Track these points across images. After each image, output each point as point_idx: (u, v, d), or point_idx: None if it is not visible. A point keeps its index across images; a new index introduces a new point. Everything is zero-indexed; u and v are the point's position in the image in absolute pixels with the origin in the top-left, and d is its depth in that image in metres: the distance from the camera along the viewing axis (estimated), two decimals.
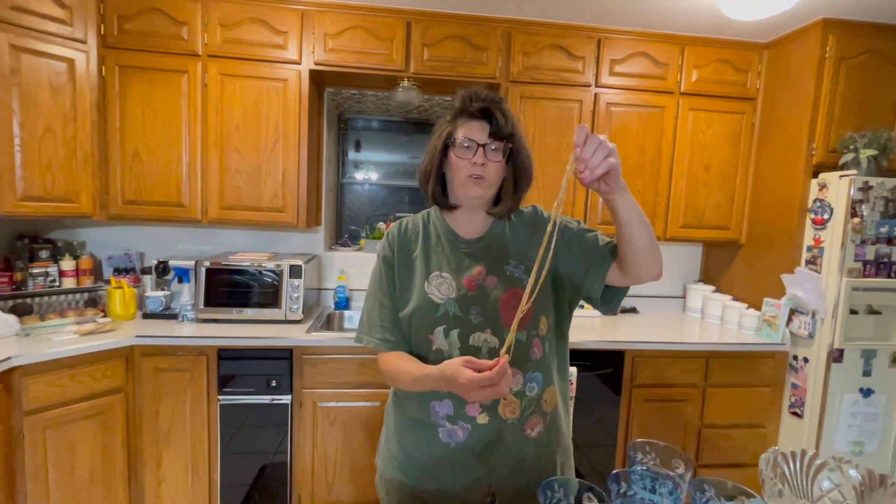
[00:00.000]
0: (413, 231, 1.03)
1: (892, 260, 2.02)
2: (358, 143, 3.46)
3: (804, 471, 0.83)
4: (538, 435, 0.96)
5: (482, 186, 0.93)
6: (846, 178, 1.99)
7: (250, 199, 2.17)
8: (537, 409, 0.95)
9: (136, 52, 2.04)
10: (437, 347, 0.93)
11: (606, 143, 0.72)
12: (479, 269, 0.96)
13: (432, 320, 0.93)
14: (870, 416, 2.08)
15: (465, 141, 0.92)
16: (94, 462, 1.79)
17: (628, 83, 2.34)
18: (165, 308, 2.15)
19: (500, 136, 0.92)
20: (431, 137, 0.99)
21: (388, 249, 1.02)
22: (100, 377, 1.79)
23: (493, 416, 0.91)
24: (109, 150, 2.07)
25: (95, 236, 2.39)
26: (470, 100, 0.93)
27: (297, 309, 2.11)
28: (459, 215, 1.01)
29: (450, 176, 0.97)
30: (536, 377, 0.94)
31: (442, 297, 0.94)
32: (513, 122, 0.94)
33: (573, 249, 0.96)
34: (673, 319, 2.61)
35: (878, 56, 2.13)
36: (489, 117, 0.92)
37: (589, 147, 0.71)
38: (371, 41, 2.16)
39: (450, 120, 0.96)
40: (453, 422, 0.91)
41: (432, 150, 0.97)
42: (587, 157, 0.71)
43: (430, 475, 0.95)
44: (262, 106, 2.13)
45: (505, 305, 0.93)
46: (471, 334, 0.92)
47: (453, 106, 0.96)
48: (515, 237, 1.00)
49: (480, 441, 0.91)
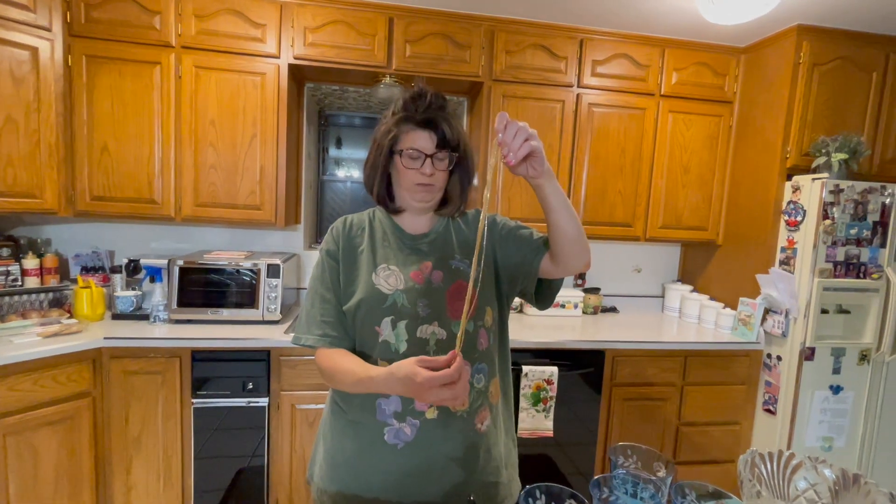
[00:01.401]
0: (358, 227, 1.01)
1: (861, 261, 2.08)
2: (339, 139, 3.41)
3: (780, 471, 0.84)
4: (487, 428, 0.95)
5: (430, 193, 0.95)
6: (818, 181, 2.05)
7: (226, 196, 2.11)
8: (485, 401, 0.95)
9: (105, 42, 1.96)
10: (383, 339, 0.91)
11: (526, 128, 0.76)
12: (426, 264, 0.96)
13: (379, 311, 0.91)
14: (839, 413, 2.14)
15: (412, 152, 0.91)
16: (59, 470, 1.72)
17: (610, 84, 2.36)
18: (136, 308, 2.08)
19: (446, 147, 0.92)
20: (376, 132, 0.97)
21: (331, 244, 0.99)
22: (65, 381, 1.71)
23: (441, 410, 0.89)
24: (76, 143, 1.98)
25: (61, 233, 2.29)
26: (415, 107, 0.92)
27: (274, 309, 2.06)
28: (406, 214, 1.01)
29: (396, 178, 0.96)
30: (483, 368, 0.94)
31: (390, 288, 0.92)
32: (458, 131, 0.94)
33: (510, 243, 1.00)
34: (652, 319, 2.65)
35: (848, 63, 2.19)
36: (435, 127, 0.91)
37: (509, 131, 0.75)
38: (352, 36, 2.12)
39: (395, 123, 0.93)
40: (401, 419, 0.89)
41: (377, 153, 0.95)
42: (509, 141, 0.75)
43: (378, 484, 0.90)
44: (238, 100, 2.07)
45: (451, 297, 0.93)
46: (418, 327, 0.90)
47: (396, 107, 0.94)
48: (459, 233, 1.02)
49: (430, 438, 0.89)
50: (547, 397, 2.04)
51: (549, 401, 2.05)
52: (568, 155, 2.36)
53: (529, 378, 2.01)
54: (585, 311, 2.64)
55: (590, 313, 2.65)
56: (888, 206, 2.06)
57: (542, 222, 0.91)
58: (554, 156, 2.34)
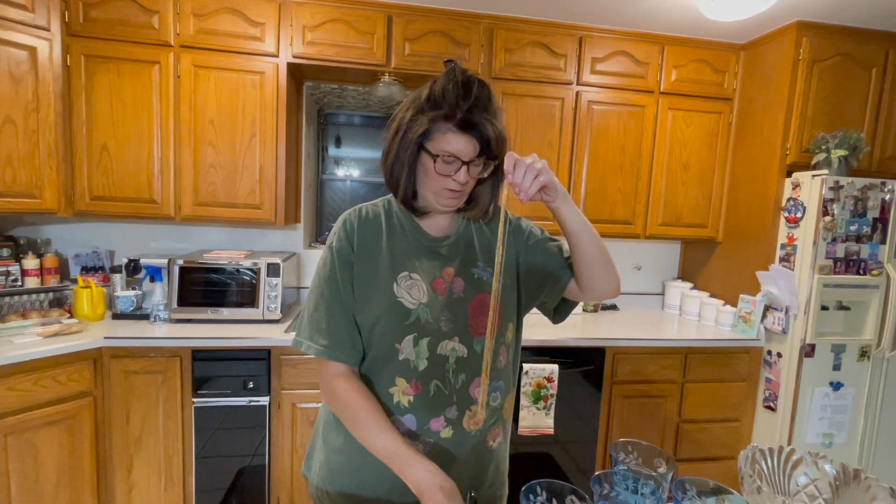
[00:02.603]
0: (375, 222, 0.89)
1: (861, 257, 2.08)
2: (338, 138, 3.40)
3: (781, 466, 0.84)
4: (498, 445, 0.92)
5: (458, 199, 0.86)
6: (818, 178, 2.05)
7: (226, 196, 2.11)
8: (499, 418, 0.91)
9: (104, 42, 1.96)
10: (404, 358, 0.83)
11: (535, 165, 0.75)
12: (448, 271, 0.88)
13: (402, 328, 0.83)
14: (839, 409, 2.15)
15: (448, 158, 0.80)
16: (60, 469, 1.72)
17: (609, 82, 2.36)
18: (136, 308, 2.08)
19: (488, 153, 0.82)
20: (398, 121, 0.84)
21: (344, 242, 0.87)
22: (65, 381, 1.71)
23: (457, 430, 0.85)
24: (75, 143, 1.97)
25: (61, 233, 2.29)
26: (457, 104, 0.78)
27: (275, 308, 2.06)
28: (427, 215, 0.92)
29: (421, 177, 0.85)
30: (500, 386, 0.90)
31: (413, 302, 0.84)
32: (502, 135, 0.82)
33: (537, 256, 0.94)
34: (652, 316, 2.65)
35: (848, 59, 2.19)
36: (478, 131, 0.79)
37: (518, 172, 0.75)
38: (351, 35, 2.12)
39: (431, 119, 0.80)
40: (415, 438, 0.83)
41: (401, 147, 0.83)
42: (519, 182, 0.75)
43: (384, 495, 0.85)
44: (238, 99, 2.07)
45: (474, 312, 0.87)
46: (439, 343, 0.84)
47: (436, 96, 0.80)
48: (482, 235, 0.94)
49: (442, 458, 0.84)
50: (547, 395, 2.04)
51: (550, 398, 2.05)
52: (567, 153, 2.35)
53: (530, 376, 2.02)
54: (586, 308, 2.65)
55: (590, 311, 2.65)
56: (888, 202, 2.06)
57: (542, 220, 0.90)
58: (553, 154, 2.34)
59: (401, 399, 0.84)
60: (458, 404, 0.85)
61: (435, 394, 0.84)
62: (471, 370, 0.86)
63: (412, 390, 0.84)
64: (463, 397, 0.85)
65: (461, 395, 0.85)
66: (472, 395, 0.86)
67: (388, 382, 0.84)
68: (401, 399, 0.84)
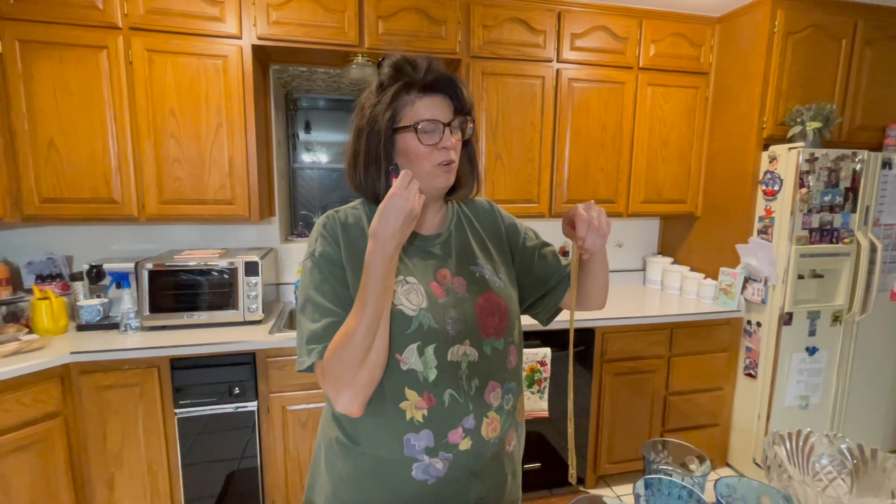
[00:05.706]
0: (357, 226, 0.83)
1: (834, 227, 2.15)
2: (308, 123, 3.24)
3: (799, 450, 0.85)
4: (513, 448, 0.90)
5: (452, 172, 0.81)
6: (794, 151, 2.08)
7: (194, 192, 1.96)
8: (513, 421, 0.88)
9: (42, 25, 1.75)
10: (408, 368, 0.77)
11: (603, 229, 0.78)
12: (443, 272, 0.84)
13: (402, 337, 0.77)
14: (814, 372, 2.25)
15: (426, 125, 0.76)
16: (34, 496, 1.60)
17: (589, 58, 2.31)
18: (103, 318, 1.93)
19: (463, 111, 0.80)
20: (358, 123, 0.81)
21: (329, 244, 0.80)
22: (30, 403, 1.58)
23: (476, 440, 0.80)
24: (17, 140, 1.78)
25: (9, 240, 2.09)
26: (414, 71, 0.77)
27: (256, 308, 1.96)
28: None
29: (406, 164, 0.80)
30: (512, 388, 0.86)
31: (413, 308, 0.78)
32: (470, 91, 0.82)
33: (534, 263, 0.94)
34: (635, 292, 2.69)
35: (819, 31, 2.21)
36: (448, 90, 0.78)
37: (590, 239, 0.78)
38: (320, 13, 1.97)
39: (393, 96, 0.77)
40: (433, 454, 0.78)
41: (371, 140, 0.79)
42: (590, 246, 0.79)
43: None
44: (200, 86, 1.90)
45: (482, 312, 0.83)
46: (449, 348, 0.78)
47: (384, 79, 0.79)
48: (474, 232, 0.91)
49: (462, 471, 0.80)
50: (541, 378, 2.05)
51: (544, 382, 2.05)
52: (550, 133, 2.31)
53: (523, 361, 2.01)
54: None
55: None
56: (858, 172, 2.13)
57: (526, 202, 0.88)
58: (536, 134, 2.29)
59: (414, 415, 0.78)
60: (475, 412, 0.80)
61: (450, 404, 0.79)
62: (484, 374, 0.82)
63: (425, 403, 0.78)
64: (479, 404, 0.81)
65: (476, 402, 0.81)
66: (487, 401, 0.82)
67: (398, 396, 0.78)
68: (414, 415, 0.78)
